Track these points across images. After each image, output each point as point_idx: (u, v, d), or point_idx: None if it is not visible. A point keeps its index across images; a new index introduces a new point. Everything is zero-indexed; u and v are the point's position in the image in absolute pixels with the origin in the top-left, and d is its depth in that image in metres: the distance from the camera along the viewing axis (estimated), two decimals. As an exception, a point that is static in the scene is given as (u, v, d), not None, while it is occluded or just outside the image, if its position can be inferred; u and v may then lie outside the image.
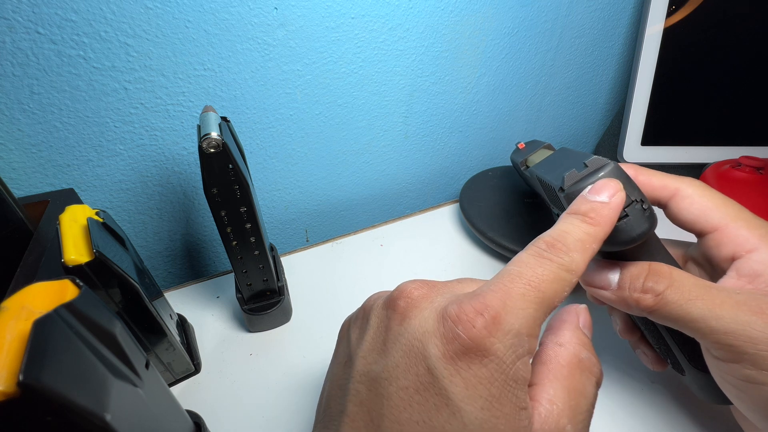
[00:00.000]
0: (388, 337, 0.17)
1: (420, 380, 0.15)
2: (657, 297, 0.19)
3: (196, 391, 0.30)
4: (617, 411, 0.27)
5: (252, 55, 0.35)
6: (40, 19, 0.28)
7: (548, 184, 0.24)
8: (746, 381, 0.18)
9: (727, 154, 0.49)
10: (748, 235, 0.21)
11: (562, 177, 0.21)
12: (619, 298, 0.21)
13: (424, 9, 0.39)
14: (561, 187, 0.21)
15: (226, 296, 0.37)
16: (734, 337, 0.17)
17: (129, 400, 0.13)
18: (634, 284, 0.20)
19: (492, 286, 0.16)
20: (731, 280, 0.20)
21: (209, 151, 0.24)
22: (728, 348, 0.18)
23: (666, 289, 0.19)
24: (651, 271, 0.20)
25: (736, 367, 0.18)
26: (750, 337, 0.17)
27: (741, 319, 0.17)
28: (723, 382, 0.20)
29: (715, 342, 0.18)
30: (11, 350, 0.11)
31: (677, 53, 0.47)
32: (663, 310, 0.19)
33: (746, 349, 0.17)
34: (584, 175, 0.20)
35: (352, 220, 0.51)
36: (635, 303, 0.20)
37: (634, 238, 0.19)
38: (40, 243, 0.27)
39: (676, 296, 0.19)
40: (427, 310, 0.16)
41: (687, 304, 0.19)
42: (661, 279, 0.20)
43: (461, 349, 0.15)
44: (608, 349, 0.31)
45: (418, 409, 0.15)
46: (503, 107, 0.51)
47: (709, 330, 0.18)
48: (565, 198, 0.21)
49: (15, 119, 0.31)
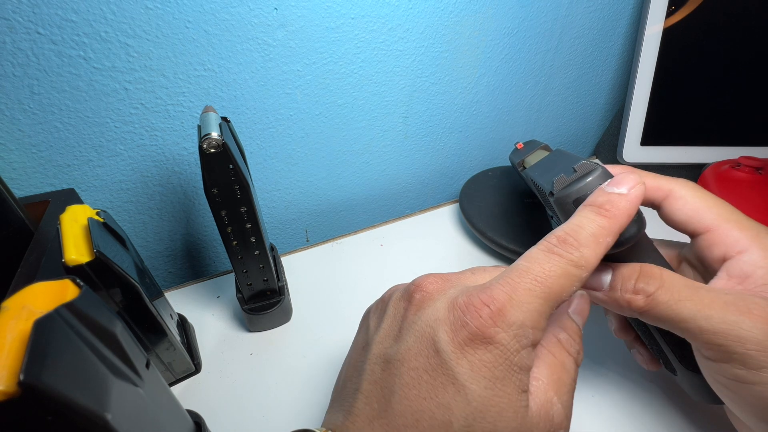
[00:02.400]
0: (404, 325, 0.18)
1: (429, 362, 0.16)
2: (648, 298, 0.19)
3: (196, 391, 0.30)
4: (613, 410, 0.27)
5: (252, 55, 0.35)
6: (41, 20, 0.28)
7: (540, 188, 0.24)
8: (736, 380, 0.18)
9: (726, 154, 0.49)
10: (740, 236, 0.21)
11: (552, 182, 0.21)
12: (611, 299, 0.21)
13: (424, 9, 0.39)
14: (551, 192, 0.21)
15: (226, 296, 0.37)
16: (723, 337, 0.18)
17: (129, 400, 0.14)
18: (625, 285, 0.20)
19: (501, 280, 0.17)
20: (721, 281, 0.21)
21: (210, 151, 0.24)
22: (718, 348, 0.18)
23: (657, 290, 0.19)
24: (642, 272, 0.20)
25: (726, 366, 0.18)
26: (738, 336, 0.17)
27: (729, 319, 0.18)
28: (714, 381, 0.20)
29: (705, 342, 0.18)
30: (12, 350, 0.11)
31: (677, 53, 0.48)
32: (654, 311, 0.19)
33: (735, 348, 0.17)
34: (572, 180, 0.20)
35: (352, 220, 0.51)
36: (627, 304, 0.20)
37: (621, 242, 0.19)
38: (40, 243, 0.27)
39: (667, 297, 0.19)
40: (440, 301, 0.18)
41: (677, 304, 0.19)
42: (651, 280, 0.20)
43: (468, 336, 0.16)
44: (604, 348, 0.31)
45: (426, 387, 0.16)
46: (503, 107, 0.51)
47: (698, 330, 0.18)
48: (555, 202, 0.21)
49: (15, 119, 0.31)
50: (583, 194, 0.20)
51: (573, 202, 0.20)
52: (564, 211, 0.21)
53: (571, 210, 0.20)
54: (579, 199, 0.20)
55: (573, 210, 0.20)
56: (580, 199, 0.20)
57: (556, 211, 0.22)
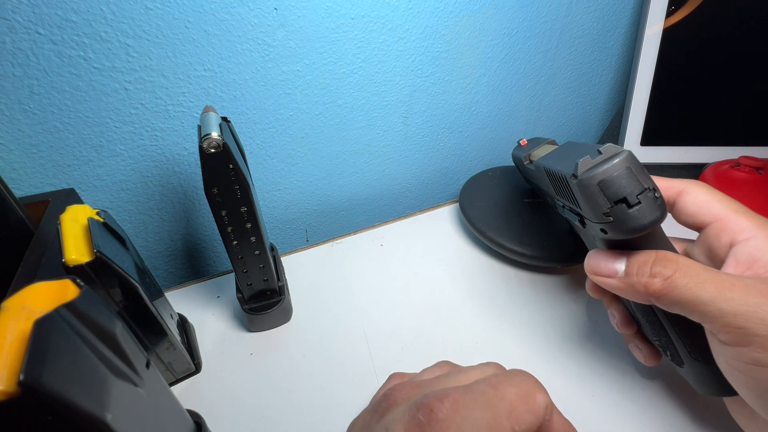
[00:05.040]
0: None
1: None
2: (666, 281, 0.20)
3: (196, 391, 0.30)
4: (613, 410, 0.27)
5: (252, 55, 0.35)
6: (41, 20, 0.28)
7: (558, 174, 0.24)
8: (754, 365, 0.18)
9: (726, 154, 0.49)
10: (747, 224, 0.21)
11: (576, 164, 0.21)
12: (627, 285, 0.21)
13: (424, 9, 0.39)
14: (574, 174, 0.21)
15: (226, 296, 0.37)
16: (745, 319, 0.18)
17: (129, 400, 0.14)
18: (642, 270, 0.21)
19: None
20: (730, 267, 0.21)
21: (210, 151, 0.24)
22: (737, 331, 0.18)
23: (674, 273, 0.19)
24: (658, 257, 0.20)
25: (744, 350, 0.18)
26: (761, 318, 0.17)
27: (751, 301, 0.18)
28: (728, 368, 0.20)
29: (724, 325, 0.18)
30: (12, 350, 0.11)
31: (677, 53, 0.48)
32: (672, 294, 0.19)
33: (757, 330, 0.17)
34: (598, 162, 0.20)
35: (352, 220, 0.51)
36: (644, 288, 0.20)
37: (645, 225, 0.19)
38: (40, 243, 0.27)
39: (685, 280, 0.19)
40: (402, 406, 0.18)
41: (696, 287, 0.19)
42: (669, 263, 0.20)
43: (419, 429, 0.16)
44: (604, 348, 0.31)
45: None
46: (503, 107, 0.51)
47: (718, 313, 0.18)
48: (577, 185, 0.21)
49: (15, 120, 0.31)
50: (608, 176, 0.19)
51: (598, 184, 0.20)
52: (586, 194, 0.20)
53: (594, 192, 0.20)
54: (604, 181, 0.20)
55: (597, 192, 0.20)
56: (605, 182, 0.20)
57: (576, 194, 0.21)
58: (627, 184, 0.19)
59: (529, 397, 0.17)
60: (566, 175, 0.22)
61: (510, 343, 0.32)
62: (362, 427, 0.19)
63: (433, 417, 0.16)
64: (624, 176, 0.19)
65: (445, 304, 0.35)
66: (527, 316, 0.34)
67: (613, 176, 0.19)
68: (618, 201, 0.20)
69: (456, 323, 0.34)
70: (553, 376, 0.30)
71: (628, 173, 0.19)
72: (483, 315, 0.34)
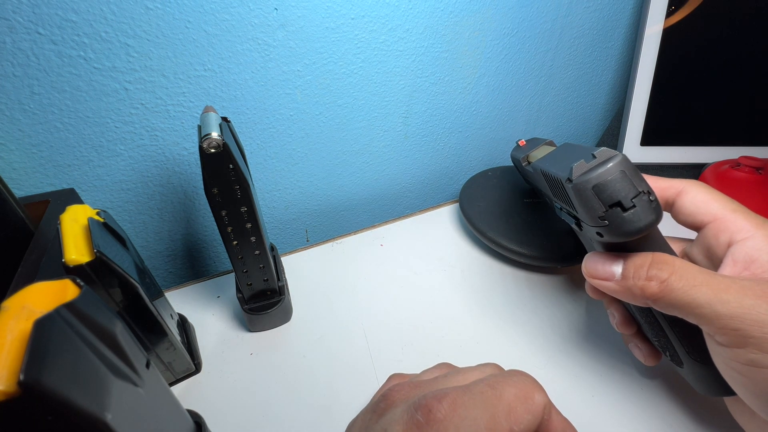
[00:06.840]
0: None
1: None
2: (662, 284, 0.20)
3: (196, 391, 0.30)
4: (613, 410, 0.27)
5: (252, 55, 0.35)
6: (41, 20, 0.28)
7: (554, 177, 0.24)
8: (751, 366, 0.18)
9: (726, 154, 0.49)
10: (745, 224, 0.21)
11: (570, 168, 0.21)
12: (624, 288, 0.21)
13: (424, 10, 0.39)
14: (569, 178, 0.21)
15: (226, 296, 0.37)
16: (740, 321, 0.18)
17: (129, 400, 0.14)
18: (638, 273, 0.21)
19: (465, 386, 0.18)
20: (727, 267, 0.21)
21: (210, 152, 0.24)
22: (733, 333, 0.18)
23: (670, 276, 0.19)
24: (654, 260, 0.20)
25: (740, 352, 0.18)
26: (756, 320, 0.17)
27: (747, 303, 0.18)
28: (726, 369, 0.20)
29: (720, 327, 0.18)
30: (12, 350, 0.11)
31: (677, 53, 0.48)
32: (668, 297, 0.19)
33: (752, 332, 0.17)
34: (593, 166, 0.20)
35: (352, 220, 0.51)
36: (640, 291, 0.20)
37: (640, 228, 0.19)
38: (40, 243, 0.27)
39: (681, 282, 0.19)
40: (400, 407, 0.18)
41: (692, 290, 0.19)
42: (665, 266, 0.20)
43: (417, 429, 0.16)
44: (604, 349, 0.31)
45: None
46: (503, 107, 0.51)
47: (714, 315, 0.18)
48: (572, 189, 0.21)
49: (16, 119, 0.31)
50: (603, 180, 0.20)
51: (593, 188, 0.20)
52: (581, 198, 0.20)
53: (589, 196, 0.20)
54: (599, 186, 0.20)
55: (591, 196, 0.20)
56: (599, 186, 0.20)
57: (572, 198, 0.21)
58: (621, 187, 0.19)
59: (527, 397, 0.17)
60: (562, 179, 0.22)
61: (509, 343, 0.32)
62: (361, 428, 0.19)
63: (432, 417, 0.16)
64: (618, 180, 0.20)
65: (445, 304, 0.35)
66: (527, 316, 0.34)
67: (607, 180, 0.20)
68: (613, 205, 0.20)
69: (456, 323, 0.34)
70: (552, 376, 0.30)
71: (622, 177, 0.20)
72: (483, 315, 0.34)
